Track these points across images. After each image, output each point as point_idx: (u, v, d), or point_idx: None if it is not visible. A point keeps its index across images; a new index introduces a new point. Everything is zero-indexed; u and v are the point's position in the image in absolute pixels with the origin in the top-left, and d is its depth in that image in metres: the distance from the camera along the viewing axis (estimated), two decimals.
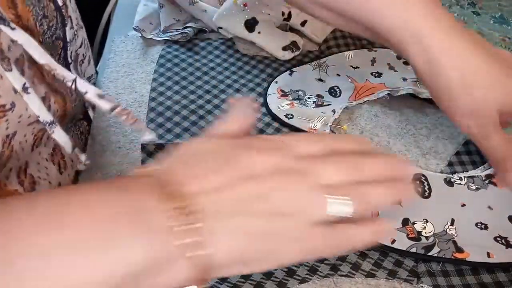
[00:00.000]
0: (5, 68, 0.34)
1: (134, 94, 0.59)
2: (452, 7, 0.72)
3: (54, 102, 0.42)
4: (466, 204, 0.48)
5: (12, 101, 0.35)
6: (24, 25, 0.38)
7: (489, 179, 0.51)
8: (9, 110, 0.35)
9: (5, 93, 0.34)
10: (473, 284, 0.43)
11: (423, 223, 0.46)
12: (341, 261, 0.44)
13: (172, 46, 0.65)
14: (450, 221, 0.46)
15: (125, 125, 0.40)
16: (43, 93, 0.40)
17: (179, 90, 0.60)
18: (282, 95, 0.58)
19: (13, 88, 0.35)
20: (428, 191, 0.48)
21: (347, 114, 0.57)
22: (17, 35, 0.35)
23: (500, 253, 0.45)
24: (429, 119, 0.58)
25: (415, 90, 0.59)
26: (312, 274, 0.43)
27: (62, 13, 0.43)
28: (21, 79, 0.36)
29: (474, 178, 0.51)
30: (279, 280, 0.42)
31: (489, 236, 0.46)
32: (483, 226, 0.46)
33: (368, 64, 0.62)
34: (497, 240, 0.46)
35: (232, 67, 0.63)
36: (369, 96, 0.58)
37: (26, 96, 0.36)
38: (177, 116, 0.56)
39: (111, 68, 0.62)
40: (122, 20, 0.70)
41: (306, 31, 0.67)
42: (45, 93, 0.40)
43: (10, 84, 0.35)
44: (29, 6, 0.38)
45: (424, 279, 0.43)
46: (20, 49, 0.36)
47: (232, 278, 0.42)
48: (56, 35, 0.43)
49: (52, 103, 0.42)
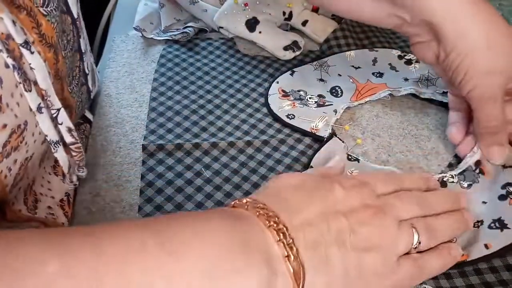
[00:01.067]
0: (26, 89, 0.35)
1: (135, 94, 0.59)
2: None
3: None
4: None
5: (25, 120, 0.36)
6: (48, 43, 0.38)
7: (478, 167, 0.50)
8: (24, 130, 0.36)
9: (22, 113, 0.36)
10: (476, 284, 0.43)
11: None
12: None
13: (173, 46, 0.65)
14: None
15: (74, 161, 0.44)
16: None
17: (180, 90, 0.59)
18: (283, 95, 0.58)
19: (29, 107, 0.36)
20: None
21: (349, 114, 0.57)
22: (33, 59, 0.36)
23: (497, 240, 0.44)
24: (431, 120, 0.58)
25: (417, 90, 0.58)
26: None
27: (77, 25, 0.44)
28: (37, 99, 0.37)
29: (464, 173, 0.51)
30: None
31: (483, 229, 0.45)
32: (479, 224, 0.46)
33: (370, 64, 0.62)
34: (491, 227, 0.45)
35: (233, 67, 0.63)
36: (371, 96, 0.58)
37: (38, 116, 0.37)
38: (178, 116, 0.56)
39: (111, 68, 0.62)
40: (123, 20, 0.70)
41: (307, 31, 0.67)
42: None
43: (28, 104, 0.36)
44: (53, 23, 0.39)
45: (427, 281, 0.43)
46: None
47: None
48: (74, 48, 0.44)
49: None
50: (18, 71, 0.34)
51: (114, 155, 0.52)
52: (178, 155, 0.52)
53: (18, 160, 0.37)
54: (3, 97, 0.33)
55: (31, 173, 0.41)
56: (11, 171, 0.36)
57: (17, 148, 0.36)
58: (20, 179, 0.39)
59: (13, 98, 0.34)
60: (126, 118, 0.56)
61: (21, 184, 0.40)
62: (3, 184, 0.36)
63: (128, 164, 0.51)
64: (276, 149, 0.53)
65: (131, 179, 0.50)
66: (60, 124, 0.40)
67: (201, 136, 0.54)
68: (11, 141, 0.35)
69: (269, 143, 0.53)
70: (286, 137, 0.54)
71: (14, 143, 0.35)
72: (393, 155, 0.53)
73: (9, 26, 0.33)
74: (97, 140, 0.54)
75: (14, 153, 0.36)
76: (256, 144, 0.53)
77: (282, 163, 0.52)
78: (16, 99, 0.35)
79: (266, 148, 0.53)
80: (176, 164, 0.51)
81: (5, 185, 0.36)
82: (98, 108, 0.57)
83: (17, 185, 0.39)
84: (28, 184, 0.42)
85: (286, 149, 0.53)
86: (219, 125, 0.56)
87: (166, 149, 0.52)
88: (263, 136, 0.54)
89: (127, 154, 0.52)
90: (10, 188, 0.37)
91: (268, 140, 0.54)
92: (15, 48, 0.34)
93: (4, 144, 0.34)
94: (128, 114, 0.57)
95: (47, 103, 0.38)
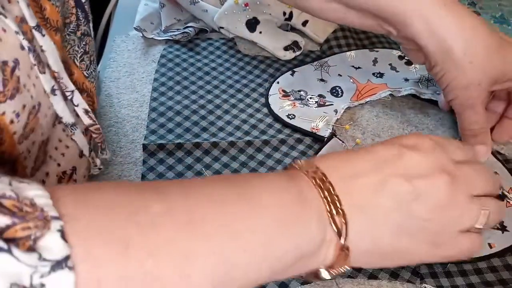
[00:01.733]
0: (40, 71, 0.36)
1: (135, 94, 0.59)
2: None
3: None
4: None
5: (39, 102, 0.37)
6: (53, 26, 0.39)
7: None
8: (38, 111, 0.37)
9: (37, 95, 0.36)
10: (477, 283, 0.43)
11: None
12: None
13: (173, 46, 0.65)
14: None
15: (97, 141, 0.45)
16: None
17: (180, 90, 0.59)
18: (283, 95, 0.58)
19: (43, 89, 0.37)
20: None
21: (349, 114, 0.57)
22: (44, 41, 0.37)
23: (499, 240, 0.45)
24: (431, 120, 0.58)
25: (417, 91, 0.59)
26: None
27: (85, 8, 0.44)
28: (51, 81, 0.38)
29: None
30: (280, 280, 0.42)
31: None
32: None
33: (370, 64, 0.62)
34: (493, 227, 0.46)
35: (234, 67, 0.63)
36: (371, 97, 0.58)
37: (52, 97, 0.38)
38: (178, 116, 0.56)
39: (112, 68, 0.62)
40: (123, 20, 0.70)
41: (307, 31, 0.67)
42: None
43: (42, 86, 0.37)
44: (58, 7, 0.39)
45: (428, 280, 0.43)
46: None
47: None
48: (82, 31, 0.44)
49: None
50: (33, 53, 0.35)
51: (115, 154, 0.52)
52: (178, 155, 0.52)
53: (36, 143, 0.38)
54: (20, 78, 0.34)
55: (46, 130, 0.41)
56: (30, 153, 0.37)
57: (34, 130, 0.37)
58: (41, 162, 0.39)
59: (30, 79, 0.35)
60: (127, 118, 0.56)
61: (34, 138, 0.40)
62: (23, 165, 0.37)
63: (128, 163, 0.52)
64: (276, 149, 0.53)
65: (132, 178, 0.50)
66: (76, 106, 0.41)
67: (201, 136, 0.54)
68: (29, 123, 0.35)
69: (270, 143, 0.54)
70: (287, 137, 0.54)
71: (31, 125, 0.36)
72: None
73: (24, 9, 0.34)
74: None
75: (32, 135, 0.36)
76: (257, 144, 0.53)
77: (282, 163, 0.52)
78: (32, 81, 0.35)
79: (266, 148, 0.53)
80: (176, 164, 0.51)
81: (25, 166, 0.37)
82: (98, 108, 0.57)
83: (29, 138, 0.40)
84: (43, 141, 0.42)
85: (286, 149, 0.53)
86: (219, 125, 0.56)
87: (166, 149, 0.52)
88: (263, 136, 0.55)
89: (128, 154, 0.52)
90: (30, 170, 0.38)
91: (269, 140, 0.54)
92: (28, 31, 0.35)
93: (24, 126, 0.35)
94: (129, 114, 0.57)
95: (60, 85, 0.39)
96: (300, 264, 0.32)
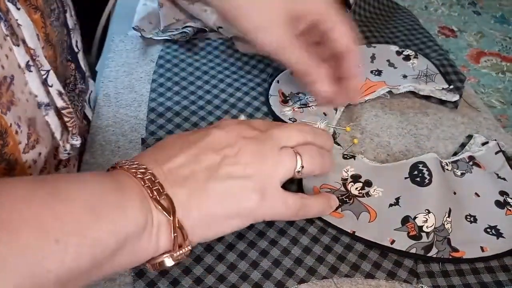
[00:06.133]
0: (14, 43, 0.36)
1: (134, 93, 0.59)
2: (453, 6, 0.72)
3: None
4: (457, 192, 0.49)
5: (12, 74, 0.36)
6: (33, 5, 0.39)
7: (472, 161, 0.51)
8: (10, 83, 0.36)
9: (10, 67, 0.36)
10: (473, 283, 0.43)
11: (424, 215, 0.45)
12: (340, 261, 0.43)
13: (172, 46, 0.65)
14: (447, 212, 0.46)
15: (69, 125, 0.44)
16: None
17: (179, 90, 0.59)
18: (283, 100, 0.58)
19: (18, 63, 0.37)
20: (429, 177, 0.48)
21: (348, 114, 0.57)
22: (19, 15, 0.36)
23: (492, 245, 0.45)
24: (430, 119, 0.57)
25: (416, 87, 0.58)
26: (311, 275, 0.42)
27: None
28: (25, 56, 0.37)
29: (458, 162, 0.51)
30: (277, 280, 0.42)
31: (479, 229, 0.46)
32: (472, 219, 0.47)
33: (368, 61, 0.62)
34: (487, 232, 0.46)
35: (232, 67, 0.63)
36: (370, 95, 0.58)
37: (28, 74, 0.38)
38: (177, 117, 0.56)
39: (110, 68, 0.62)
40: (122, 20, 0.70)
41: None
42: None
43: (16, 59, 0.36)
44: None
45: (424, 279, 0.43)
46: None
47: (231, 278, 0.42)
48: (60, 20, 0.44)
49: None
50: (5, 22, 0.34)
51: (113, 154, 0.52)
52: None
53: (22, 118, 0.37)
54: None
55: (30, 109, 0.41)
56: (21, 128, 0.37)
57: (13, 102, 0.36)
58: (35, 141, 0.40)
59: (2, 49, 0.35)
60: (125, 118, 0.56)
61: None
62: (15, 140, 0.37)
63: None
64: None
65: None
66: (50, 86, 0.41)
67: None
68: (3, 94, 0.35)
69: None
70: None
71: (7, 97, 0.35)
72: (392, 155, 0.53)
73: None
74: (96, 140, 0.54)
75: (13, 107, 0.36)
76: None
77: None
78: (4, 51, 0.35)
79: None
80: None
81: (18, 142, 0.37)
82: (97, 108, 0.57)
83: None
84: (29, 118, 0.42)
85: None
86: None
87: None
88: None
89: (126, 154, 0.52)
90: (24, 147, 0.38)
91: None
92: (1, 1, 0.35)
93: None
94: (127, 114, 0.57)
95: (36, 63, 0.38)
96: (128, 250, 0.34)
